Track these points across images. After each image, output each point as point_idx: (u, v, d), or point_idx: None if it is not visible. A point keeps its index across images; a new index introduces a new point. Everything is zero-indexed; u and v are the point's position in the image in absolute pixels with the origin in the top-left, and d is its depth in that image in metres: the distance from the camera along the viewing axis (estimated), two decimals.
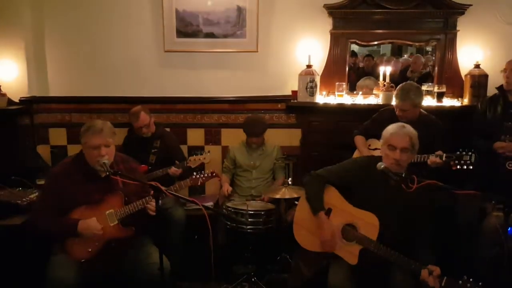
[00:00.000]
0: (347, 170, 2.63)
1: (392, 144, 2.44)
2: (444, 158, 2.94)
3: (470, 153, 2.87)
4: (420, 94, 3.27)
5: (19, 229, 2.82)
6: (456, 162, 2.89)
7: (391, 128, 2.52)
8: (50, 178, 2.69)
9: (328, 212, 2.59)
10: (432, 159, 3.00)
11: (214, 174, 3.12)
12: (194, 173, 3.04)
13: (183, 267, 3.36)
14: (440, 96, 3.89)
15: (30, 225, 2.69)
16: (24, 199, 3.03)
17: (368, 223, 2.42)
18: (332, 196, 2.60)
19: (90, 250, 2.55)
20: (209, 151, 3.48)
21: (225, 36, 4.02)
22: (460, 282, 2.12)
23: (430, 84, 4.00)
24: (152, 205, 2.53)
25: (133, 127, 3.70)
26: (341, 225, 2.53)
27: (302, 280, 2.81)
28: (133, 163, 2.83)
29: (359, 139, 3.51)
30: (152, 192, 2.44)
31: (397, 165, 2.42)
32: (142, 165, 3.52)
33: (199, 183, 3.03)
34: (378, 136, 3.37)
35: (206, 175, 3.05)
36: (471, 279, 2.12)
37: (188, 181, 3.00)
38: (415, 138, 2.45)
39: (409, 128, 2.49)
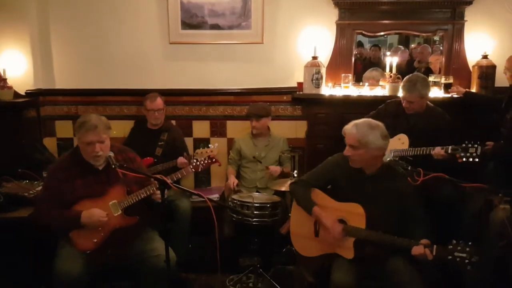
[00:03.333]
0: (324, 170, 2.72)
1: (346, 141, 2.55)
2: (450, 151, 2.92)
3: (476, 145, 2.84)
4: (427, 86, 3.25)
5: (26, 222, 2.84)
6: (462, 154, 2.86)
7: (346, 126, 2.57)
8: (48, 175, 2.72)
9: None
10: (437, 151, 2.98)
11: (214, 160, 3.08)
12: (195, 160, 3.02)
13: (189, 259, 3.38)
14: (447, 87, 3.86)
15: (34, 220, 2.70)
16: (31, 192, 3.05)
17: (355, 213, 2.48)
18: (319, 198, 2.66)
19: (95, 240, 2.57)
20: (216, 144, 3.45)
21: (230, 27, 3.99)
22: (450, 247, 2.19)
23: (437, 75, 3.96)
24: (157, 192, 2.53)
25: (142, 117, 3.73)
26: None
27: (306, 286, 2.82)
28: (130, 153, 2.83)
29: None
30: (155, 182, 2.46)
31: (352, 160, 2.52)
32: (148, 158, 3.54)
33: (199, 169, 3.01)
34: None
35: (206, 161, 3.03)
36: (460, 241, 2.18)
37: (189, 168, 2.98)
38: (362, 137, 2.45)
39: (360, 127, 2.48)
